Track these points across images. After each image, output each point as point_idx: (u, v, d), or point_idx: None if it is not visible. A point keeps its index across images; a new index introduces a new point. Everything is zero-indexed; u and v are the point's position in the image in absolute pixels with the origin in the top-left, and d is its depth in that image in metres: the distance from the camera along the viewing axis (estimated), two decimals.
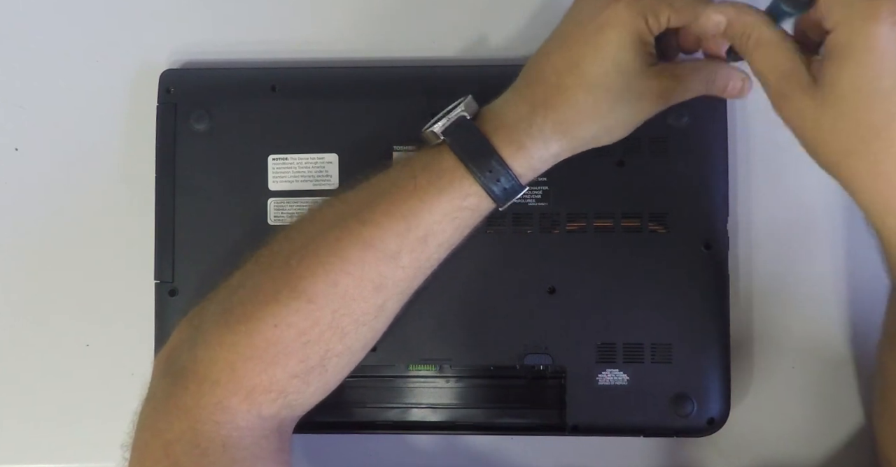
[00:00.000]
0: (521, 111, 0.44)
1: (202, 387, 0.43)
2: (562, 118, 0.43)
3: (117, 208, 0.56)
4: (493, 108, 0.45)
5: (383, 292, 0.44)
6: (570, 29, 0.44)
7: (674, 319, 0.51)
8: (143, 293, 0.54)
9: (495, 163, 0.43)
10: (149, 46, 0.56)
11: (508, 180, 0.44)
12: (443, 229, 0.44)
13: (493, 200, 0.44)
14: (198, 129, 0.53)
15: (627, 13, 0.42)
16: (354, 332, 0.45)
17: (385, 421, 0.52)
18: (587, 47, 0.43)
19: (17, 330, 0.56)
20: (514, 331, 0.51)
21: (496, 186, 0.44)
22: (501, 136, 0.44)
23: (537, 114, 0.44)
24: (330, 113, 0.53)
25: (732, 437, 0.52)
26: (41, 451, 0.56)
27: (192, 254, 0.53)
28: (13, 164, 0.56)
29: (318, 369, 0.44)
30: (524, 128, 0.44)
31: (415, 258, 0.44)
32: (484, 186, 0.44)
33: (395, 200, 0.44)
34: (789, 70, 0.38)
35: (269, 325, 0.43)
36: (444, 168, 0.44)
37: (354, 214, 0.44)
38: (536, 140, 0.44)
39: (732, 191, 0.52)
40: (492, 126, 0.44)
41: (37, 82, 0.57)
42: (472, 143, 0.44)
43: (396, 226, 0.44)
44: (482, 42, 0.55)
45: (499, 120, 0.44)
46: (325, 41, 0.56)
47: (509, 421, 0.52)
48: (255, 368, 0.43)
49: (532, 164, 0.44)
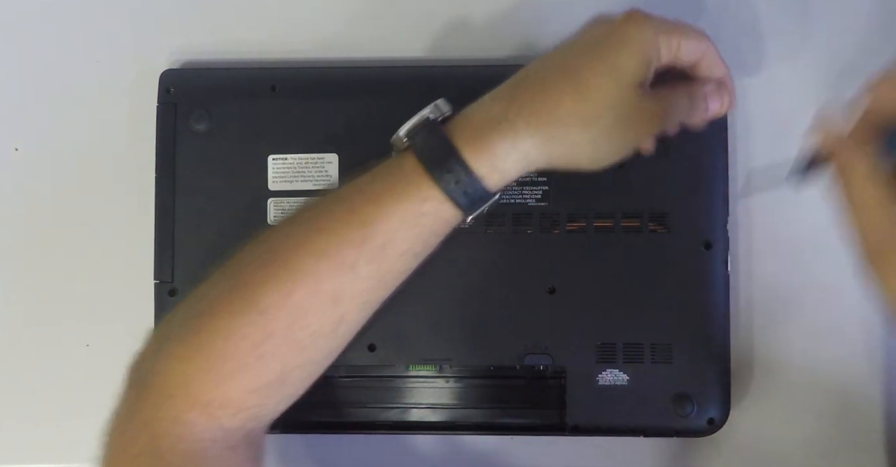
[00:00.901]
0: (494, 109, 0.41)
1: (160, 400, 0.41)
2: (538, 113, 0.40)
3: (117, 208, 0.56)
4: (466, 109, 0.43)
5: (342, 304, 0.42)
6: (576, 42, 0.43)
7: (674, 319, 0.51)
8: (143, 293, 0.54)
9: (454, 163, 0.40)
10: (149, 46, 0.56)
11: (470, 183, 0.40)
12: (403, 237, 0.41)
13: (455, 205, 0.41)
14: (198, 129, 0.53)
15: (640, 28, 0.41)
16: (313, 346, 0.42)
17: (385, 421, 0.52)
18: (590, 55, 0.41)
19: (17, 330, 0.56)
20: (514, 331, 0.51)
21: (456, 189, 0.40)
22: (466, 135, 0.41)
23: (511, 109, 0.41)
24: (330, 113, 0.53)
25: (732, 437, 0.52)
26: (41, 451, 0.56)
27: (192, 254, 0.52)
28: (13, 164, 0.57)
29: (277, 384, 0.42)
30: (493, 125, 0.41)
31: (374, 269, 0.42)
32: (443, 189, 0.41)
33: (353, 207, 0.42)
34: (888, 234, 0.36)
35: (220, 338, 0.41)
36: (403, 171, 0.41)
37: (312, 221, 0.42)
38: (505, 136, 0.40)
39: (732, 191, 0.52)
40: (458, 125, 0.42)
41: (37, 82, 0.57)
42: (432, 142, 0.41)
43: (352, 235, 0.41)
44: (482, 42, 0.55)
45: (467, 119, 0.42)
46: (325, 41, 0.56)
47: (509, 421, 0.52)
48: (209, 382, 0.41)
49: (497, 164, 0.41)
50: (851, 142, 0.37)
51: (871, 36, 0.54)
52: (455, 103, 0.52)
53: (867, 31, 0.54)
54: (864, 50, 0.54)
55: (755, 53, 0.54)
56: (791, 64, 0.54)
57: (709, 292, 0.51)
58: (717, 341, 0.51)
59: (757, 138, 0.54)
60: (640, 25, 0.41)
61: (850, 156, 0.37)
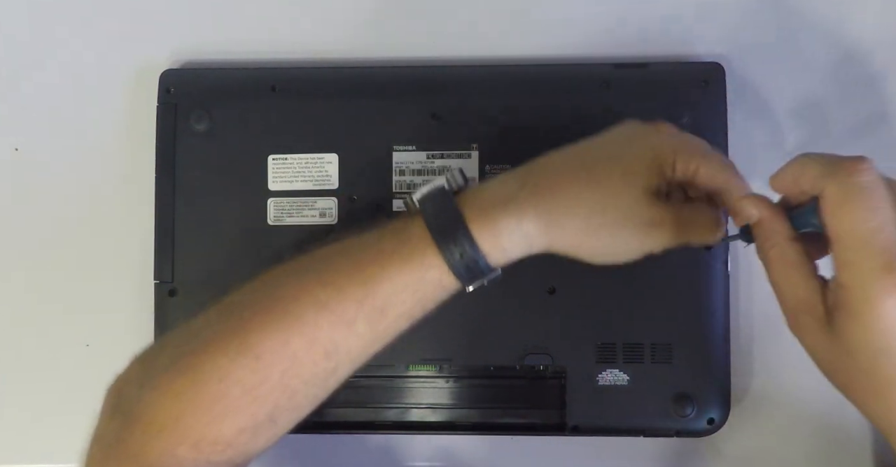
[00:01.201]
0: (506, 188, 0.42)
1: (149, 433, 0.41)
2: (546, 197, 0.41)
3: (117, 208, 0.56)
4: (482, 184, 0.43)
5: (335, 358, 0.42)
6: (596, 143, 0.43)
7: (674, 319, 0.51)
8: (143, 293, 0.54)
9: (461, 236, 0.41)
10: (149, 46, 0.56)
11: (474, 257, 0.41)
12: (402, 300, 0.42)
13: (455, 276, 0.41)
14: (198, 129, 0.53)
15: (661, 141, 0.42)
16: (303, 393, 0.43)
17: (385, 421, 0.52)
18: (606, 154, 0.42)
19: (17, 330, 0.56)
20: (514, 331, 0.51)
21: (460, 262, 0.41)
22: (475, 210, 0.41)
23: (522, 190, 0.41)
24: (330, 113, 0.53)
25: (732, 437, 0.52)
26: (41, 451, 0.56)
27: (192, 254, 0.53)
28: (13, 164, 0.57)
29: (267, 423, 0.43)
30: (502, 203, 0.41)
31: (371, 327, 0.42)
32: (447, 260, 0.41)
33: (358, 264, 0.42)
34: (805, 299, 0.37)
35: (214, 379, 0.41)
36: (411, 236, 0.42)
37: (316, 272, 0.43)
38: (511, 215, 0.41)
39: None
40: (470, 199, 0.42)
41: (37, 82, 0.57)
42: (443, 213, 0.41)
43: (355, 292, 0.41)
44: (482, 42, 0.55)
45: (479, 194, 0.42)
46: (325, 41, 0.56)
47: (509, 421, 0.52)
48: (200, 420, 0.42)
49: (500, 242, 0.41)
50: (771, 212, 0.39)
51: None
52: (456, 103, 0.52)
53: None
54: None
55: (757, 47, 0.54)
56: (791, 61, 0.54)
57: (709, 292, 0.51)
58: (717, 341, 0.51)
59: (757, 138, 0.54)
60: (662, 138, 0.42)
61: (776, 222, 0.39)
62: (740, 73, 0.54)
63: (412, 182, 0.52)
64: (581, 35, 0.55)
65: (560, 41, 0.55)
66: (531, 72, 0.53)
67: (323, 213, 0.53)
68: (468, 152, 0.52)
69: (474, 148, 0.52)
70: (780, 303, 0.39)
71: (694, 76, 0.52)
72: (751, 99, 0.54)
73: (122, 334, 0.55)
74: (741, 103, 0.53)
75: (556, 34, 0.55)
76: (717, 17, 0.55)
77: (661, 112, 0.51)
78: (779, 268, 0.39)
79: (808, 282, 0.38)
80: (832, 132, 0.54)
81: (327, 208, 0.53)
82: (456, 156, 0.52)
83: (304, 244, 0.51)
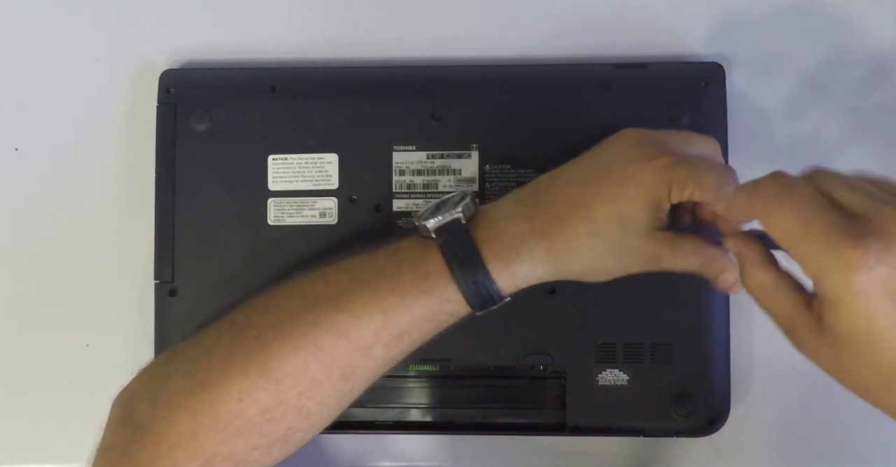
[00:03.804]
0: (519, 229, 0.44)
1: (159, 448, 0.42)
2: (556, 248, 0.43)
3: (117, 208, 0.56)
4: (491, 214, 0.45)
5: (351, 380, 0.44)
6: (594, 169, 0.44)
7: (674, 319, 0.51)
8: (143, 293, 0.54)
9: (481, 276, 0.43)
10: (149, 46, 0.56)
11: (490, 293, 0.43)
12: (419, 329, 0.44)
13: (472, 307, 0.44)
14: (198, 129, 0.53)
15: (653, 178, 0.41)
16: (319, 413, 0.44)
17: (385, 421, 0.52)
18: (603, 194, 0.42)
19: (17, 330, 0.56)
20: (514, 331, 0.51)
21: (477, 297, 0.43)
22: (493, 251, 0.43)
23: (534, 236, 0.43)
24: (330, 113, 0.53)
25: (732, 437, 0.52)
26: (41, 451, 0.56)
27: (192, 254, 0.52)
28: (13, 164, 0.57)
29: (281, 442, 0.44)
30: (516, 247, 0.43)
31: (388, 351, 0.44)
32: (466, 295, 0.43)
33: (377, 294, 0.43)
34: (792, 313, 0.38)
35: (234, 399, 0.42)
36: (430, 270, 0.43)
37: (334, 299, 0.44)
38: (526, 262, 0.43)
39: None
40: (486, 235, 0.44)
41: (37, 82, 0.57)
42: (463, 251, 0.43)
43: (374, 322, 0.43)
44: (482, 42, 0.55)
45: (494, 231, 0.44)
46: (325, 41, 0.56)
47: (509, 421, 0.52)
48: (216, 438, 0.42)
49: (515, 282, 0.44)
50: (743, 244, 0.40)
51: None
52: (456, 103, 0.52)
53: None
54: None
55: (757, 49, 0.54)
56: (792, 61, 0.54)
57: (709, 292, 0.51)
58: (717, 341, 0.51)
59: (757, 138, 0.54)
60: (654, 172, 0.42)
61: (743, 256, 0.40)
62: (740, 73, 0.54)
63: (412, 182, 0.52)
64: (581, 35, 0.55)
65: (560, 41, 0.55)
66: (531, 72, 0.53)
67: (323, 213, 0.53)
68: (468, 152, 0.52)
69: (474, 148, 0.52)
70: (777, 327, 0.39)
71: (694, 76, 0.52)
72: (751, 99, 0.54)
73: (122, 334, 0.55)
74: (741, 103, 0.53)
75: (557, 34, 0.55)
76: (717, 17, 0.55)
77: (660, 112, 0.51)
78: (760, 295, 0.39)
79: (790, 298, 0.38)
80: (832, 132, 0.54)
81: (327, 208, 0.53)
82: (456, 157, 0.52)
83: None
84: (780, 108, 0.54)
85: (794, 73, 0.54)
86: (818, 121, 0.54)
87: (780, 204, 0.36)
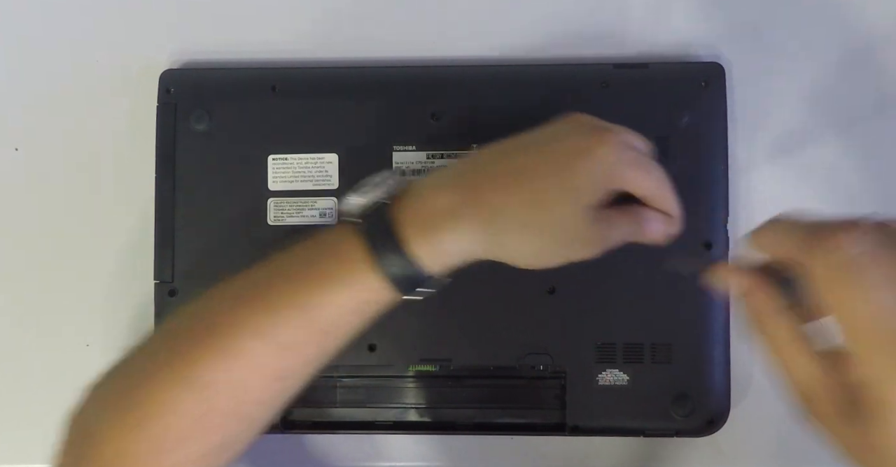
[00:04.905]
0: (447, 200, 0.41)
1: None
2: (489, 218, 0.40)
3: (117, 208, 0.56)
4: (418, 188, 0.42)
5: (284, 379, 0.42)
6: (546, 140, 0.42)
7: (674, 319, 0.51)
8: (143, 293, 0.54)
9: (401, 255, 0.40)
10: (149, 46, 0.56)
11: (414, 272, 0.40)
12: (346, 321, 0.41)
13: (399, 291, 0.41)
14: (198, 129, 0.53)
15: (611, 154, 0.40)
16: (257, 414, 0.42)
17: (385, 421, 0.52)
18: (553, 164, 0.40)
19: (17, 330, 0.56)
20: (514, 331, 0.51)
21: (401, 278, 0.40)
22: (415, 226, 0.40)
23: (464, 206, 0.40)
24: (330, 113, 0.53)
25: (732, 437, 0.52)
26: (41, 451, 0.55)
27: (192, 254, 0.53)
28: (13, 164, 0.57)
29: (219, 449, 0.42)
30: (441, 219, 0.40)
31: (318, 347, 0.42)
32: (388, 278, 0.40)
33: (297, 287, 0.41)
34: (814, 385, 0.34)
35: (164, 412, 0.41)
36: (350, 256, 0.41)
37: (253, 298, 0.42)
38: (453, 234, 0.40)
39: (733, 191, 0.52)
40: (408, 211, 0.41)
41: (37, 82, 0.57)
42: (380, 231, 0.40)
43: (297, 319, 0.41)
44: (482, 42, 0.55)
45: (418, 205, 0.41)
46: (325, 41, 0.56)
47: (509, 421, 0.52)
48: (153, 452, 0.41)
49: (440, 257, 0.41)
50: (755, 284, 0.36)
51: None
52: (456, 103, 0.52)
53: None
54: None
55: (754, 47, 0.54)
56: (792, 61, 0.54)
57: (709, 292, 0.51)
58: (717, 341, 0.51)
59: (757, 138, 0.54)
60: (609, 152, 0.40)
61: (755, 299, 0.36)
62: (740, 73, 0.54)
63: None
64: (581, 35, 0.55)
65: (560, 41, 0.55)
66: (531, 72, 0.53)
67: (323, 213, 0.53)
68: (468, 152, 0.52)
69: (474, 148, 0.52)
70: (787, 383, 0.35)
71: (694, 76, 0.52)
72: (751, 99, 0.54)
73: (122, 334, 0.55)
74: (741, 103, 0.53)
75: (557, 34, 0.55)
76: (717, 17, 0.55)
77: (661, 112, 0.51)
78: (777, 348, 0.35)
79: (813, 364, 0.34)
80: (832, 132, 0.54)
81: (327, 208, 0.53)
82: (456, 156, 0.52)
83: None
84: (779, 108, 0.54)
85: (794, 73, 0.54)
86: (819, 121, 0.54)
87: (857, 277, 0.31)
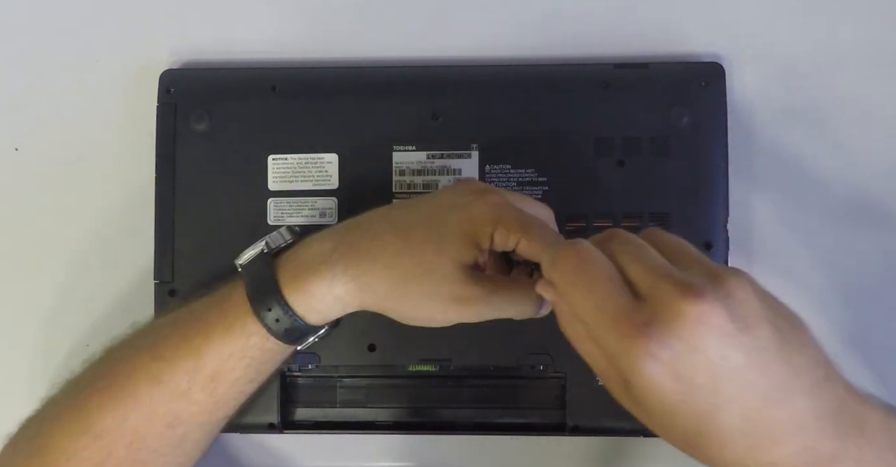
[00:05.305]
0: (321, 249, 0.43)
1: None
2: (358, 261, 0.41)
3: (117, 208, 0.56)
4: (304, 241, 0.44)
5: (180, 427, 0.43)
6: (426, 201, 0.44)
7: None
8: (143, 293, 0.54)
9: (275, 302, 0.42)
10: (149, 46, 0.56)
11: (291, 321, 0.42)
12: (232, 367, 0.43)
13: (277, 339, 0.43)
14: (198, 129, 0.53)
15: (482, 211, 0.41)
16: (155, 462, 0.44)
17: (385, 421, 0.52)
18: (427, 220, 0.42)
19: (16, 329, 0.56)
20: (514, 331, 0.51)
21: (278, 326, 0.42)
22: (290, 273, 0.42)
23: (335, 252, 0.42)
24: (330, 113, 0.53)
25: None
26: None
27: (192, 254, 0.53)
28: (13, 164, 0.57)
29: None
30: (315, 265, 0.42)
31: (209, 395, 0.43)
32: (266, 326, 0.42)
33: (186, 335, 0.43)
34: (604, 369, 0.37)
35: (62, 460, 0.42)
36: (233, 304, 0.43)
37: (150, 346, 0.44)
38: (323, 278, 0.42)
39: (733, 191, 0.52)
40: (287, 262, 0.43)
41: (37, 82, 0.57)
42: (260, 279, 0.42)
43: (185, 364, 0.42)
44: (482, 42, 0.55)
45: (297, 256, 0.43)
46: (325, 41, 0.56)
47: (509, 421, 0.52)
48: None
49: (314, 305, 0.42)
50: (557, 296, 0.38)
51: None
52: (456, 103, 0.52)
53: None
54: None
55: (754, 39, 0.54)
56: (792, 61, 0.54)
57: None
58: None
59: (757, 138, 0.54)
60: (482, 209, 0.41)
61: (557, 304, 0.38)
62: (740, 73, 0.54)
63: (412, 182, 0.52)
64: (581, 35, 0.55)
65: (560, 41, 0.55)
66: (531, 72, 0.53)
67: (323, 213, 0.53)
68: (468, 152, 0.52)
69: (474, 148, 0.52)
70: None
71: (694, 76, 0.52)
72: (751, 99, 0.54)
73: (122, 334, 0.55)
74: (741, 103, 0.53)
75: (557, 34, 0.55)
76: (717, 17, 0.55)
77: (660, 112, 0.51)
78: (576, 344, 0.38)
79: (598, 353, 0.37)
80: (832, 132, 0.54)
81: (327, 208, 0.53)
82: (456, 157, 0.52)
83: None
84: (779, 108, 0.54)
85: (794, 73, 0.54)
86: (819, 121, 0.54)
87: (578, 283, 0.35)
